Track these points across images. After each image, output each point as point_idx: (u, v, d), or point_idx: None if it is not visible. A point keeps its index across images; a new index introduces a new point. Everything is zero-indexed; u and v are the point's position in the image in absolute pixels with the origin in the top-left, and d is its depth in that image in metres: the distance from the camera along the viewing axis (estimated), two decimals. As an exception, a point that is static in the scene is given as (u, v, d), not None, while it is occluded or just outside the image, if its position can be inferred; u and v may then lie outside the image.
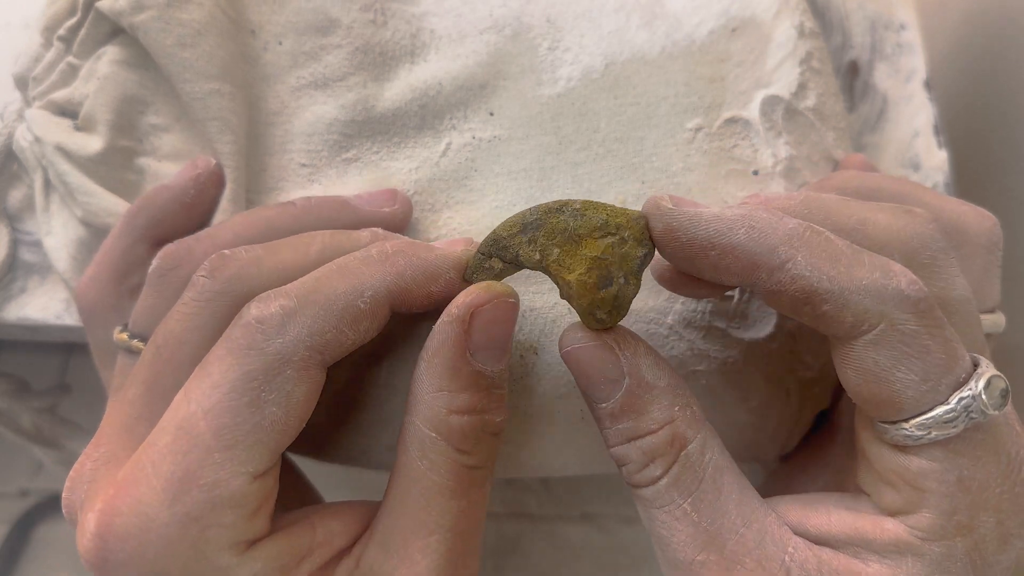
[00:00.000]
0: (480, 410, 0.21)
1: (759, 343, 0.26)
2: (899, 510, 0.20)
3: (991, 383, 0.19)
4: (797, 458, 0.29)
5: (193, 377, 0.20)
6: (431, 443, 0.21)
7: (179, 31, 0.26)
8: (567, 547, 0.42)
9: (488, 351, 0.21)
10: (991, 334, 0.24)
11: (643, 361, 0.21)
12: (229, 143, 0.27)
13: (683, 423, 0.20)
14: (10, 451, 0.42)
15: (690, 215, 0.20)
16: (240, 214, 0.25)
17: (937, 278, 0.21)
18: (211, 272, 0.21)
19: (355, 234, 0.23)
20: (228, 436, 0.19)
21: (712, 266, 0.20)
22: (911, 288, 0.19)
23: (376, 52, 0.29)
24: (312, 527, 0.22)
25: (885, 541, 0.20)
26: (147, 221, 0.26)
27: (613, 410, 0.21)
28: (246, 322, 0.20)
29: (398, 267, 0.21)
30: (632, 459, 0.21)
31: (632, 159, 0.28)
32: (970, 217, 0.24)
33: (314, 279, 0.21)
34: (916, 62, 0.35)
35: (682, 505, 0.20)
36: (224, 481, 0.19)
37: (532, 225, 0.21)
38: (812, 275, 0.19)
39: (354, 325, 0.21)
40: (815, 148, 0.29)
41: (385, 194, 0.27)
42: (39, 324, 0.29)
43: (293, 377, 0.20)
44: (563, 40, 0.30)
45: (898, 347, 0.19)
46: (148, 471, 0.19)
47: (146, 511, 0.19)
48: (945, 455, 0.19)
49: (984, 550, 0.19)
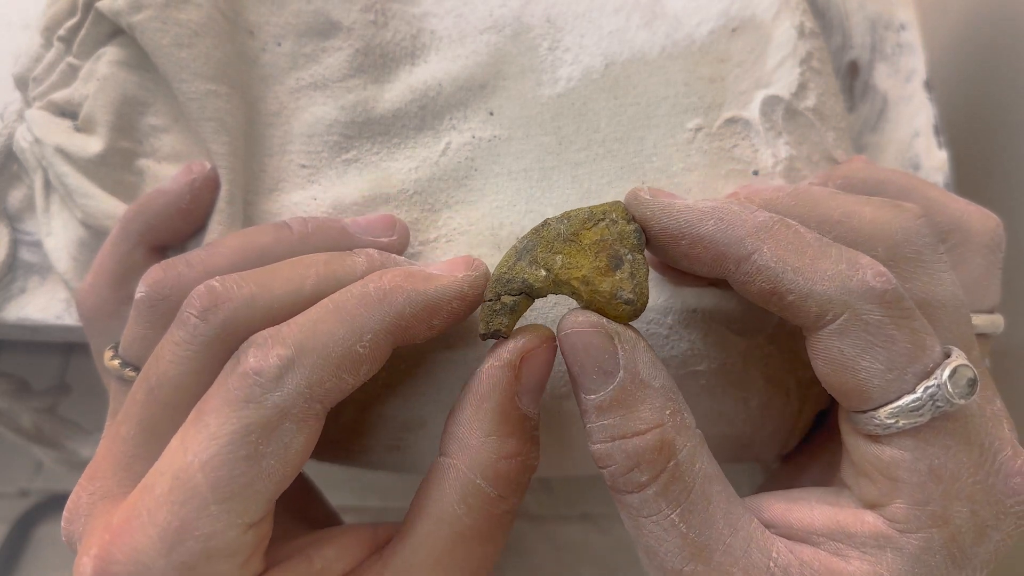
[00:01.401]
0: (524, 454, 0.22)
1: (759, 343, 0.26)
2: (875, 501, 0.20)
3: (957, 372, 0.19)
4: (797, 458, 0.29)
5: (190, 425, 0.20)
6: (474, 489, 0.21)
7: (176, 31, 0.26)
8: (567, 547, 0.42)
9: (532, 394, 0.22)
10: (989, 335, 0.24)
11: (641, 357, 0.20)
12: (225, 144, 0.27)
13: (672, 429, 0.20)
14: (10, 451, 0.42)
15: (663, 205, 0.21)
16: (234, 235, 0.24)
17: (922, 272, 0.21)
18: (202, 313, 0.21)
19: (350, 260, 0.23)
20: (225, 489, 0.19)
21: (684, 255, 0.21)
22: (877, 280, 0.19)
23: (377, 53, 0.29)
24: (309, 559, 0.22)
25: (865, 534, 0.20)
26: (143, 226, 0.26)
27: (602, 403, 0.20)
28: (243, 371, 0.19)
29: (397, 305, 0.21)
30: (615, 460, 0.20)
31: (632, 159, 0.28)
32: (973, 216, 0.24)
33: (312, 323, 0.20)
34: (916, 62, 0.35)
35: (670, 516, 0.20)
36: (220, 532, 0.19)
37: (526, 249, 0.21)
38: (777, 266, 0.19)
39: (353, 370, 0.20)
40: (815, 148, 0.29)
41: (384, 221, 0.26)
42: (39, 324, 0.29)
43: (292, 429, 0.19)
44: (563, 40, 0.30)
45: (862, 336, 0.19)
46: (144, 519, 0.19)
47: (142, 559, 0.19)
48: (915, 444, 0.19)
49: (961, 542, 0.19)
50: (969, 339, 0.21)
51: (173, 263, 0.23)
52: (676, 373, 0.26)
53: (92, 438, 0.39)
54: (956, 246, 0.24)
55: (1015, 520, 0.20)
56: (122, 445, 0.21)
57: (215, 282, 0.21)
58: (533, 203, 0.28)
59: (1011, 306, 0.26)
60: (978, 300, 0.24)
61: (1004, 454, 0.20)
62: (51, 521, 0.44)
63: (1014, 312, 0.27)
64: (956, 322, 0.21)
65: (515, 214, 0.28)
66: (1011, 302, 0.26)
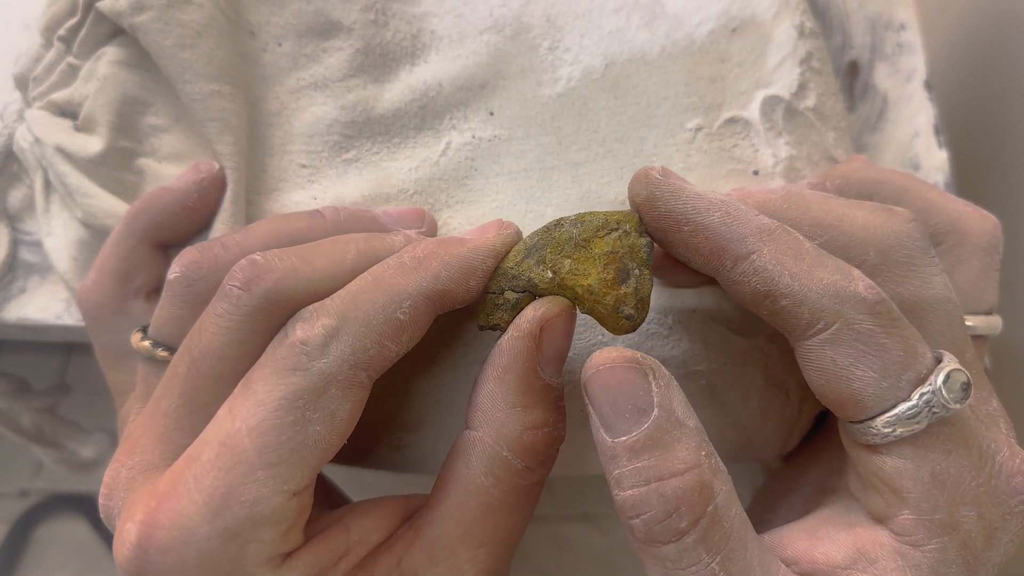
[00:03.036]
0: (551, 424, 0.22)
1: (759, 343, 0.26)
2: (884, 514, 0.20)
3: (951, 377, 0.19)
4: (798, 458, 0.29)
5: (237, 394, 0.20)
6: (502, 461, 0.21)
7: (179, 32, 0.26)
8: (567, 547, 0.42)
9: (554, 364, 0.22)
10: (987, 336, 0.24)
11: (676, 396, 0.19)
12: (229, 144, 0.27)
13: (709, 471, 0.19)
14: (10, 451, 0.42)
15: (673, 187, 0.21)
16: (267, 220, 0.24)
17: (914, 276, 0.21)
18: (246, 284, 0.21)
19: (389, 238, 0.23)
20: (272, 454, 0.19)
21: (683, 243, 0.21)
22: (868, 291, 0.19)
23: (377, 53, 0.29)
24: (347, 528, 0.22)
25: (884, 556, 0.20)
26: (148, 224, 0.26)
27: (635, 444, 0.19)
28: (291, 342, 0.20)
29: (432, 270, 0.21)
30: (652, 506, 0.18)
31: (632, 159, 0.28)
32: (972, 217, 0.24)
33: (352, 294, 0.20)
34: (916, 62, 0.35)
35: (710, 565, 0.18)
36: (265, 498, 0.19)
37: (536, 247, 0.22)
38: (775, 269, 0.19)
39: (396, 337, 0.20)
40: (815, 148, 0.29)
41: (414, 213, 0.26)
42: (39, 324, 0.29)
43: (338, 396, 0.20)
44: (563, 40, 0.30)
45: (854, 345, 0.19)
46: (190, 484, 0.19)
47: (187, 524, 0.19)
48: (915, 452, 0.19)
49: (973, 547, 0.19)
50: (962, 341, 0.21)
51: (208, 245, 0.23)
52: (676, 373, 0.26)
53: (92, 438, 0.39)
54: (954, 247, 0.24)
55: (1021, 519, 0.19)
56: (163, 419, 0.21)
57: (257, 256, 0.21)
58: (533, 203, 0.28)
59: (1010, 307, 0.26)
60: (976, 301, 0.24)
61: (1002, 455, 0.20)
62: (51, 521, 0.44)
63: (1013, 313, 0.27)
64: (949, 324, 0.21)
65: (515, 214, 0.28)
66: (1010, 303, 0.26)
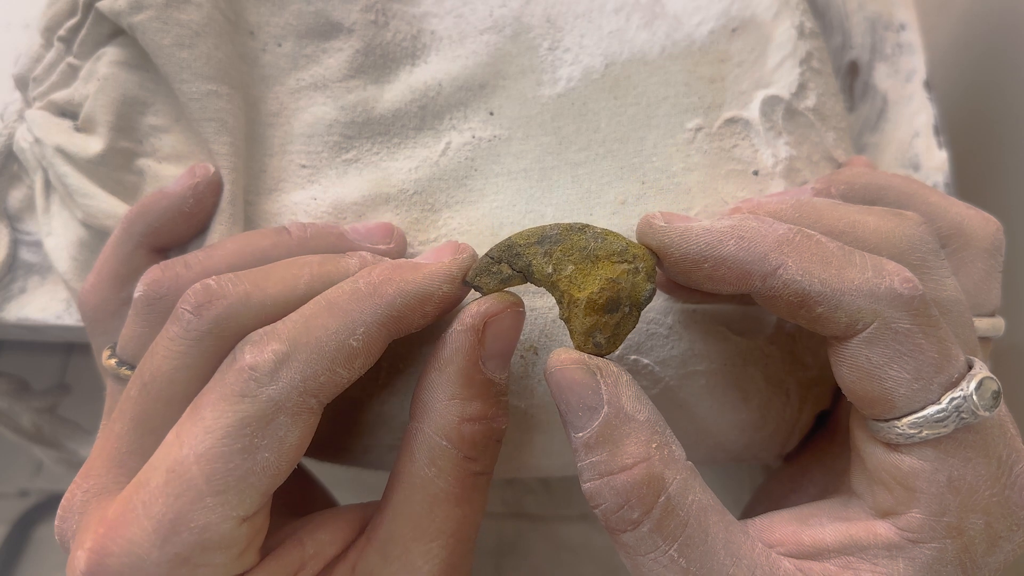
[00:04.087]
0: (490, 417, 0.22)
1: (759, 344, 0.26)
2: (890, 510, 0.20)
3: (983, 384, 0.19)
4: (798, 459, 0.29)
5: (185, 419, 0.20)
6: (441, 451, 0.21)
7: (177, 31, 0.26)
8: (567, 547, 0.42)
9: (497, 359, 0.22)
10: (990, 338, 0.24)
11: (624, 391, 0.20)
12: (226, 144, 0.27)
13: (660, 462, 0.19)
14: (10, 451, 0.42)
15: (680, 231, 0.21)
16: (233, 238, 0.24)
17: (928, 279, 0.21)
18: (196, 309, 0.21)
19: (343, 261, 0.23)
20: (220, 481, 0.19)
21: (708, 278, 0.21)
22: (904, 287, 0.19)
23: (377, 54, 0.29)
24: (300, 543, 0.22)
25: (877, 545, 0.20)
26: (145, 228, 0.26)
27: (589, 440, 0.20)
28: (239, 367, 0.20)
29: (387, 297, 0.21)
30: (606, 498, 0.19)
31: (632, 159, 0.28)
32: (974, 220, 0.24)
33: (304, 319, 0.20)
34: (916, 62, 0.35)
35: (668, 552, 0.19)
36: (215, 524, 0.19)
37: (551, 239, 0.22)
38: (804, 279, 0.19)
39: (348, 364, 0.20)
40: (815, 148, 0.29)
41: (382, 229, 0.26)
42: (39, 324, 0.29)
43: (286, 423, 0.20)
44: (563, 40, 0.30)
45: (891, 345, 0.19)
46: (139, 511, 0.19)
47: (137, 551, 0.19)
48: (936, 455, 0.19)
49: (974, 552, 0.19)
50: (973, 343, 0.21)
51: (171, 264, 0.23)
52: (676, 373, 0.26)
53: (92, 438, 0.39)
54: (957, 251, 0.24)
55: None
56: (116, 442, 0.22)
57: (211, 280, 0.21)
58: (533, 203, 0.28)
59: (1010, 308, 0.26)
60: (979, 304, 0.24)
61: (1020, 466, 0.19)
62: (51, 521, 0.44)
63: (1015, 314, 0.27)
64: (962, 326, 0.21)
65: (515, 214, 0.28)
66: (1011, 304, 0.26)
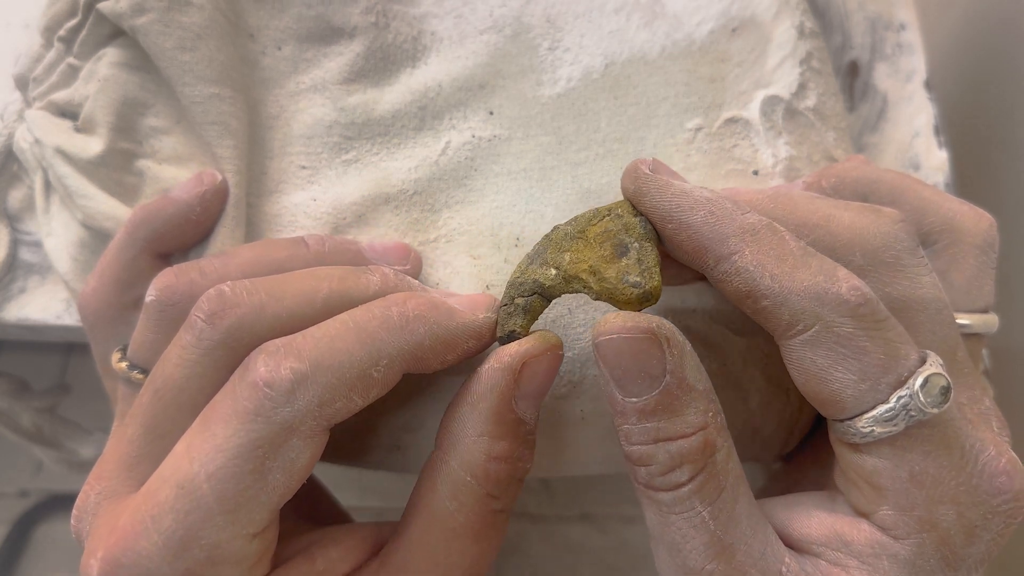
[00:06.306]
0: (516, 457, 0.22)
1: (759, 343, 0.26)
2: (864, 509, 0.20)
3: (929, 381, 0.19)
4: (798, 459, 0.29)
5: (196, 432, 0.20)
6: (465, 486, 0.21)
7: (179, 34, 0.26)
8: (567, 547, 0.42)
9: (530, 400, 0.22)
10: (983, 334, 0.24)
11: (688, 361, 0.20)
12: (229, 147, 0.27)
13: (714, 430, 0.20)
14: (10, 451, 0.42)
15: (660, 183, 0.21)
16: (249, 247, 0.24)
17: (902, 277, 0.21)
18: (210, 318, 0.20)
19: (364, 277, 0.22)
20: (230, 501, 0.19)
21: (668, 239, 0.21)
22: (851, 293, 0.19)
23: (378, 57, 0.29)
24: (311, 558, 0.22)
25: (862, 543, 0.20)
26: (150, 234, 0.25)
27: (644, 407, 0.19)
28: (253, 382, 0.19)
29: (418, 336, 0.21)
30: (658, 460, 0.19)
31: (632, 159, 0.28)
32: (967, 216, 0.24)
33: (330, 339, 0.20)
34: (916, 62, 0.35)
35: (701, 513, 0.19)
36: (225, 542, 0.19)
37: (537, 254, 0.22)
38: (756, 271, 0.19)
39: (364, 393, 0.20)
40: (815, 148, 0.29)
41: (400, 250, 0.26)
42: (39, 324, 0.29)
43: (299, 446, 0.19)
44: (563, 40, 0.30)
45: (834, 347, 0.19)
46: (148, 525, 0.19)
47: (148, 565, 0.19)
48: (893, 452, 0.19)
49: (952, 544, 0.19)
50: (953, 340, 0.21)
51: (186, 269, 0.23)
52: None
53: (92, 438, 0.39)
54: (949, 246, 0.24)
55: (1004, 519, 0.20)
56: (127, 446, 0.22)
57: (225, 287, 0.21)
58: (533, 203, 0.28)
59: (1010, 307, 0.26)
60: (971, 300, 0.24)
61: (987, 454, 0.19)
62: (51, 521, 0.44)
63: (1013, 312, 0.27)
64: (939, 324, 0.21)
65: (515, 214, 0.28)
66: (1009, 303, 0.26)
